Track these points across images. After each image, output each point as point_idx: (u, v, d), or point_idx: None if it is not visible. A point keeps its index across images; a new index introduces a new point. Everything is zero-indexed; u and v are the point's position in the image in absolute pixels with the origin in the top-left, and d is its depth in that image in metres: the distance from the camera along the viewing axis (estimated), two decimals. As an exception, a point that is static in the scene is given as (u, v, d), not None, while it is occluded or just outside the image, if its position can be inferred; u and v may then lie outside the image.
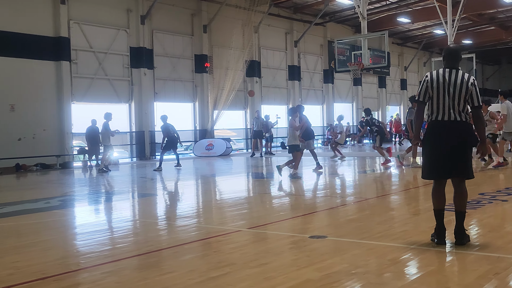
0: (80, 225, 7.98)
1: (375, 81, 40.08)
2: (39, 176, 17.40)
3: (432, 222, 5.58)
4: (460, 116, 5.26)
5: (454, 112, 5.25)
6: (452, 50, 5.50)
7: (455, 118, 5.25)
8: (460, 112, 5.26)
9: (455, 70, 5.34)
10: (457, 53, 5.48)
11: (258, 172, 16.36)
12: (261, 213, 8.41)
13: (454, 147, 5.26)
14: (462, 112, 5.27)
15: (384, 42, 24.41)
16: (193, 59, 26.02)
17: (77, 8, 21.23)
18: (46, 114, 20.15)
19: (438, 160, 5.34)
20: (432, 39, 42.12)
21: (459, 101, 5.24)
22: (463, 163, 5.31)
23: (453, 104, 5.25)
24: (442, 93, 5.27)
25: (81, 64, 21.43)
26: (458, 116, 5.26)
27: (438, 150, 5.33)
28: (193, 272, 4.73)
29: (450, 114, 5.26)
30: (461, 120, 5.27)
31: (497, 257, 4.84)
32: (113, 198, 11.29)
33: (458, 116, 5.26)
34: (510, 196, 8.66)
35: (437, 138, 5.33)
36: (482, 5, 32.39)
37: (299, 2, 30.44)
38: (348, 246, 5.59)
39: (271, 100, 30.60)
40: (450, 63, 5.40)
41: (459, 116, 5.26)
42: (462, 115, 5.27)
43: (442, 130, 5.29)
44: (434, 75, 5.36)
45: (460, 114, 5.26)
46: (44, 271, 4.93)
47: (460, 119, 5.27)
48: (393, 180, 13.08)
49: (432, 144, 5.38)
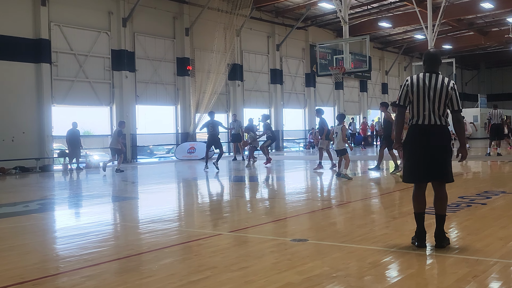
0: (59, 228, 7.89)
1: (357, 85, 40.37)
2: (18, 179, 17.17)
3: (412, 225, 5.62)
4: (440, 120, 5.31)
5: (434, 116, 5.29)
6: (431, 55, 5.52)
7: (435, 122, 5.29)
8: (440, 116, 5.30)
9: (435, 74, 5.38)
10: (436, 58, 5.51)
11: (240, 176, 16.34)
12: (242, 216, 8.40)
13: (434, 151, 5.30)
14: (442, 116, 5.32)
15: (365, 46, 24.62)
16: (175, 62, 25.95)
17: (58, 10, 21.04)
18: (26, 117, 19.92)
19: (418, 164, 5.38)
20: (412, 43, 42.61)
21: (439, 105, 5.28)
22: (443, 167, 5.35)
23: (433, 108, 5.28)
24: (422, 97, 5.31)
25: (61, 67, 21.24)
26: (438, 120, 5.30)
27: (418, 154, 5.37)
28: (174, 276, 4.70)
29: (430, 118, 5.29)
30: (441, 124, 5.32)
31: (476, 260, 4.89)
32: (93, 202, 11.18)
33: (438, 120, 5.30)
34: (489, 200, 8.78)
35: (417, 142, 5.37)
36: (461, 11, 32.88)
37: (281, 6, 30.55)
38: (329, 249, 5.60)
39: (253, 104, 30.63)
40: (430, 68, 5.44)
41: (439, 120, 5.30)
42: (442, 119, 5.32)
43: (422, 134, 5.33)
44: (414, 80, 5.40)
45: (440, 118, 5.30)
46: (22, 275, 4.86)
47: (440, 123, 5.31)
48: (373, 184, 13.16)
49: (413, 148, 5.43)
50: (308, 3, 29.85)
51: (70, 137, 19.62)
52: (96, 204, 10.75)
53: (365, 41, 23.83)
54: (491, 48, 45.16)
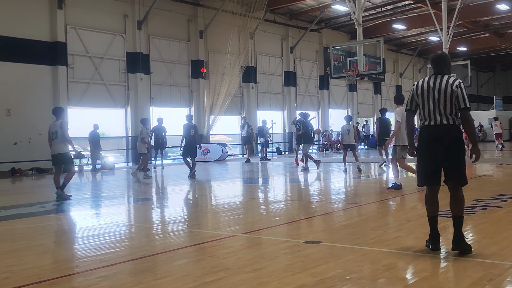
0: (75, 229, 7.98)
1: (370, 87, 40.24)
2: (34, 180, 17.35)
3: (426, 228, 5.60)
4: (448, 120, 5.22)
5: (441, 116, 5.22)
6: (436, 57, 5.51)
7: (441, 121, 5.22)
8: (448, 116, 5.21)
9: (440, 75, 5.34)
10: (441, 59, 5.47)
11: (253, 178, 16.36)
12: (255, 218, 8.42)
13: (445, 151, 5.21)
14: (450, 116, 5.22)
15: (379, 48, 24.52)
16: (189, 65, 26.07)
17: (74, 13, 21.25)
18: (42, 119, 20.05)
19: (429, 167, 5.34)
20: (427, 45, 42.34)
21: (445, 105, 5.21)
22: (455, 169, 5.27)
23: (438, 109, 5.23)
24: (426, 99, 5.29)
25: (77, 69, 21.44)
26: (445, 119, 5.22)
27: (428, 156, 5.33)
28: (188, 276, 4.73)
29: (436, 119, 5.24)
30: (448, 123, 5.22)
31: (491, 263, 4.86)
32: (108, 203, 11.28)
33: (445, 119, 5.22)
34: (504, 203, 8.70)
35: (426, 144, 5.34)
36: (476, 13, 32.61)
37: (295, 8, 30.56)
38: (342, 251, 5.60)
39: (267, 106, 30.67)
40: (436, 70, 5.43)
41: (446, 119, 5.22)
42: (450, 118, 5.22)
43: (431, 135, 5.28)
44: (419, 83, 5.42)
45: (447, 118, 5.21)
46: (39, 275, 4.93)
47: (448, 122, 5.22)
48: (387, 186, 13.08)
49: (423, 150, 5.39)
50: (321, 6, 29.82)
51: (92, 138, 19.95)
52: (111, 205, 10.84)
53: (379, 43, 23.75)
54: (507, 50, 44.71)
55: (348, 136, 16.02)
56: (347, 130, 16.06)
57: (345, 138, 16.13)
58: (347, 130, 16.06)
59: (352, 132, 16.05)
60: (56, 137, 10.82)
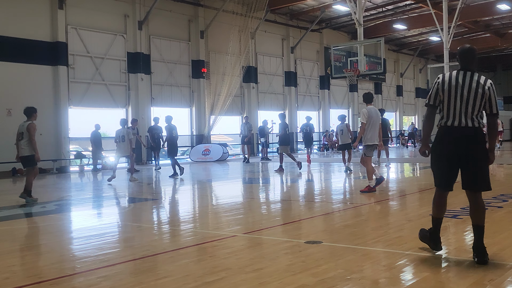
0: (75, 229, 7.98)
1: (371, 88, 40.22)
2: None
3: (427, 228, 5.58)
4: (473, 122, 4.83)
5: (466, 117, 4.83)
6: (466, 50, 5.01)
7: (467, 124, 4.83)
8: (473, 118, 4.83)
9: (470, 72, 4.90)
10: (470, 53, 5.00)
11: (254, 178, 16.36)
12: (256, 218, 8.41)
13: (466, 156, 4.85)
14: (476, 118, 4.84)
15: (380, 48, 24.55)
16: (190, 65, 26.09)
17: (74, 13, 21.27)
18: (43, 119, 20.03)
19: (444, 170, 4.99)
20: (428, 45, 42.36)
21: (474, 106, 4.81)
22: (477, 174, 4.90)
23: (465, 109, 4.82)
24: (454, 96, 4.85)
25: (78, 69, 21.46)
26: (470, 122, 4.83)
27: (445, 159, 4.95)
28: (189, 277, 4.74)
29: (461, 120, 4.84)
30: (473, 126, 4.83)
31: (492, 264, 4.86)
32: (109, 203, 11.28)
33: (470, 122, 4.83)
34: (505, 203, 8.70)
35: (445, 146, 4.93)
36: (477, 13, 32.61)
37: (296, 8, 30.58)
38: (343, 251, 5.60)
39: (268, 106, 30.68)
40: (464, 65, 4.97)
41: (471, 122, 4.83)
42: (475, 121, 4.84)
43: (452, 137, 4.88)
44: (446, 77, 4.94)
45: (473, 120, 4.83)
46: (40, 275, 4.93)
47: (473, 125, 4.83)
48: (388, 186, 13.09)
49: (441, 151, 4.98)
50: (322, 6, 29.83)
51: (93, 138, 19.96)
52: (112, 205, 10.84)
53: (380, 43, 23.77)
54: (508, 50, 44.71)
55: (342, 136, 16.16)
56: (341, 130, 16.23)
57: (340, 138, 16.26)
58: (340, 130, 16.21)
59: (346, 131, 16.14)
60: (21, 138, 10.79)
